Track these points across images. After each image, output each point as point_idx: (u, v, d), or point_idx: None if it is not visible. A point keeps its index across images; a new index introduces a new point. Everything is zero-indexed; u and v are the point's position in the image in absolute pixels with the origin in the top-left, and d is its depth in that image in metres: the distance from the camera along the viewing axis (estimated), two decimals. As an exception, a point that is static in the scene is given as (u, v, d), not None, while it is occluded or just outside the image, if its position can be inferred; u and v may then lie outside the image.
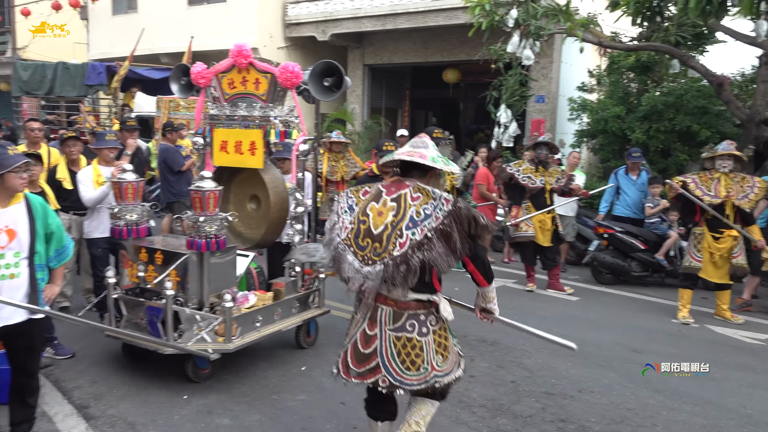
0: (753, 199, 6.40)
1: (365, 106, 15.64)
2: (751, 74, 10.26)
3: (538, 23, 8.54)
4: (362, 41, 15.27)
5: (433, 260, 2.95)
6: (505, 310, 6.83)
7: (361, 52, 15.37)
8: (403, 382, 3.08)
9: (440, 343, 3.19)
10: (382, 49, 15.11)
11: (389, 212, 3.07)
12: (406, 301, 3.09)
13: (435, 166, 3.11)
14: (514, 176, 7.50)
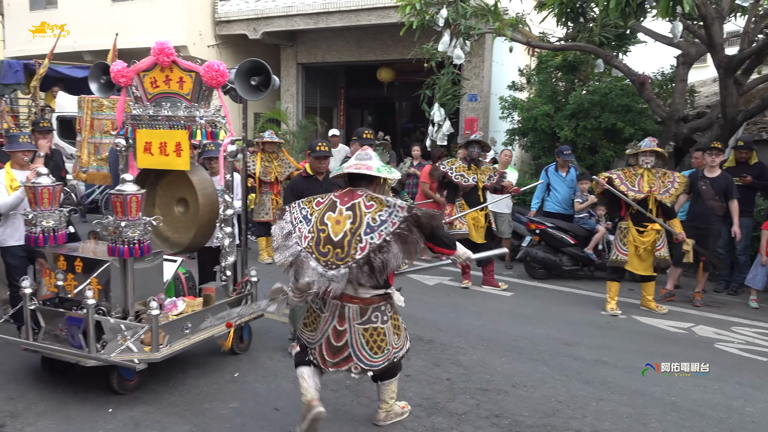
0: (674, 193, 6.67)
1: (299, 105, 15.47)
2: (670, 74, 10.73)
3: (468, 23, 8.63)
4: (295, 40, 15.10)
5: (391, 260, 3.36)
6: (441, 307, 6.96)
7: (294, 50, 15.19)
8: (372, 365, 3.63)
9: (396, 325, 3.73)
10: (316, 48, 14.98)
11: (346, 220, 3.47)
12: (370, 297, 3.55)
13: (380, 175, 3.56)
14: (447, 174, 7.57)
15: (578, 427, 4.07)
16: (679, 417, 4.27)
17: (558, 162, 8.66)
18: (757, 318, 6.82)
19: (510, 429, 4.03)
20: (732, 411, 4.39)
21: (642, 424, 4.15)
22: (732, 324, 6.57)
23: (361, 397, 4.45)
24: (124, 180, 4.23)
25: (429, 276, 8.24)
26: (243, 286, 5.18)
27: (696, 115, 10.39)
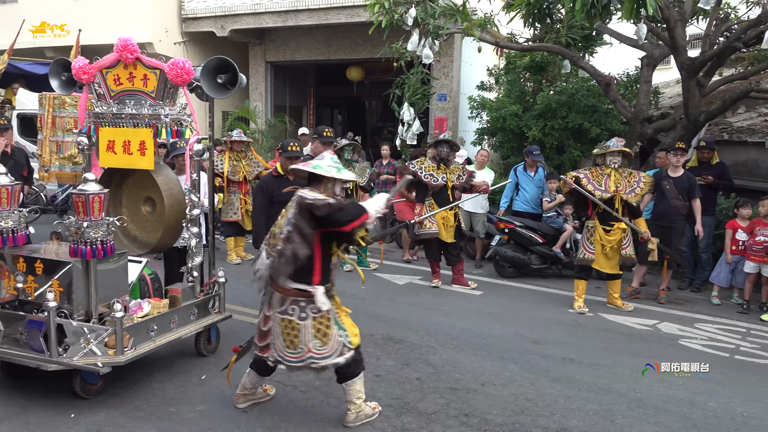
0: (639, 193, 6.79)
1: (269, 104, 15.33)
2: (635, 75, 10.91)
3: (437, 23, 8.65)
4: (263, 38, 14.96)
5: (297, 250, 3.57)
6: (411, 307, 6.96)
7: (263, 48, 15.05)
8: (284, 358, 3.82)
9: (319, 329, 3.78)
10: (285, 46, 14.86)
11: (286, 214, 3.75)
12: (287, 288, 3.73)
13: (315, 172, 3.73)
14: (417, 174, 7.57)
15: (546, 425, 4.10)
16: (645, 413, 4.33)
17: (527, 162, 8.74)
18: (719, 314, 6.98)
19: (479, 428, 4.04)
20: (696, 406, 4.48)
21: (608, 420, 4.20)
22: (695, 321, 6.70)
23: (330, 398, 4.42)
24: (86, 179, 4.12)
25: (399, 276, 8.25)
26: (210, 287, 5.10)
27: (660, 116, 10.60)
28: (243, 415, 4.14)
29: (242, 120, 14.26)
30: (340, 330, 3.84)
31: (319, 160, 3.82)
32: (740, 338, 6.14)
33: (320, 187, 3.75)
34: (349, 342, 3.85)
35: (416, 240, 7.97)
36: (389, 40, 9.47)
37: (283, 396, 4.43)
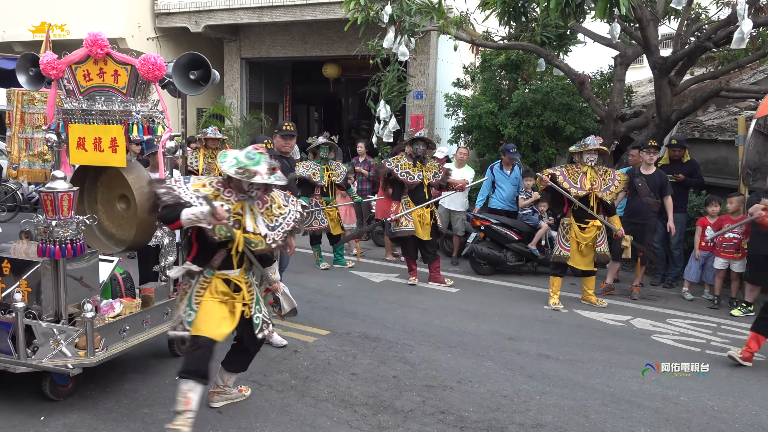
0: (614, 191, 6.87)
1: (244, 100, 15.19)
2: (609, 74, 11.03)
3: (412, 20, 8.64)
4: (238, 34, 14.81)
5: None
6: (388, 304, 6.96)
7: (238, 45, 14.90)
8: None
9: (181, 298, 3.93)
10: (260, 43, 14.74)
11: None
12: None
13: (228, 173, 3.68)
14: (393, 172, 7.56)
15: (522, 421, 4.13)
16: (618, 408, 4.38)
17: (503, 160, 8.79)
18: (691, 310, 7.09)
19: (455, 425, 4.05)
20: (668, 401, 4.54)
21: (583, 416, 4.24)
22: (667, 316, 6.80)
23: (306, 397, 4.39)
24: (54, 177, 4.03)
25: (375, 273, 8.24)
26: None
27: (633, 114, 10.73)
28: (217, 416, 4.09)
29: (217, 117, 14.11)
30: (187, 308, 3.84)
31: (237, 152, 3.79)
32: (711, 333, 6.24)
33: (231, 180, 3.76)
34: (189, 323, 3.81)
35: (393, 238, 7.97)
36: (365, 37, 9.44)
37: (258, 395, 4.39)
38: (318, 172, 8.21)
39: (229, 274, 3.86)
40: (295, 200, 4.22)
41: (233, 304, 3.88)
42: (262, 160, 3.72)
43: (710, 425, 4.17)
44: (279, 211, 4.02)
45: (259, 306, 4.03)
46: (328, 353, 5.26)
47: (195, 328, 3.75)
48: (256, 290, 4.06)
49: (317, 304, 6.67)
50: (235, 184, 3.79)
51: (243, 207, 3.84)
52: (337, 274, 8.17)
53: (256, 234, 3.84)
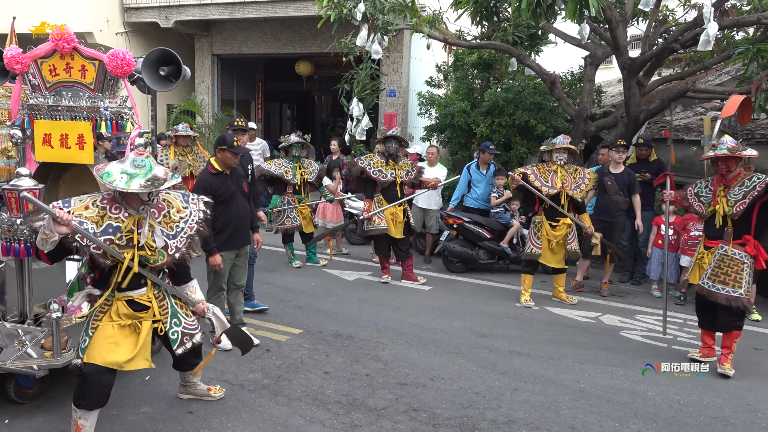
0: (584, 189, 6.96)
1: (215, 97, 15.04)
2: (579, 74, 11.17)
3: (385, 18, 8.64)
4: (210, 30, 14.65)
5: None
6: (360, 303, 6.96)
7: (209, 41, 14.74)
8: None
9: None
10: (232, 39, 14.60)
11: None
12: None
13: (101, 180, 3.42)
14: (365, 170, 7.56)
15: (493, 417, 4.16)
16: (588, 403, 4.45)
17: (481, 158, 8.82)
18: (658, 306, 7.20)
19: (428, 422, 4.06)
20: (636, 395, 4.62)
21: (554, 411, 4.29)
22: (636, 312, 6.92)
23: (279, 397, 4.37)
24: (19, 174, 3.94)
25: (348, 271, 8.22)
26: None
27: (602, 114, 10.89)
28: (188, 416, 4.05)
29: (188, 113, 13.94)
30: (84, 334, 3.60)
31: (118, 164, 3.49)
32: (677, 329, 6.37)
33: (116, 200, 3.53)
34: (82, 350, 3.55)
35: (365, 236, 7.97)
36: (338, 34, 9.41)
37: (230, 395, 4.35)
38: (290, 170, 8.17)
39: (133, 294, 3.63)
40: (195, 199, 3.90)
41: (138, 325, 3.65)
42: (152, 164, 3.50)
43: (676, 419, 4.26)
44: (179, 215, 3.73)
45: (176, 319, 3.80)
46: (300, 352, 5.23)
47: (87, 355, 3.51)
48: (171, 302, 3.81)
49: (290, 303, 6.64)
50: (126, 199, 3.51)
51: (137, 222, 3.55)
52: (310, 273, 8.14)
53: (153, 250, 3.57)
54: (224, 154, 5.16)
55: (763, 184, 4.84)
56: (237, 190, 5.29)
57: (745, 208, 4.90)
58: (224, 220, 5.18)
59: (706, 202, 5.21)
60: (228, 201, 5.20)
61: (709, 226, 5.24)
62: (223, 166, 5.20)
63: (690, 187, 5.45)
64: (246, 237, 5.46)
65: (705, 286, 5.08)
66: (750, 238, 5.02)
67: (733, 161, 5.00)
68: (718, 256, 5.08)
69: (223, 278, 5.32)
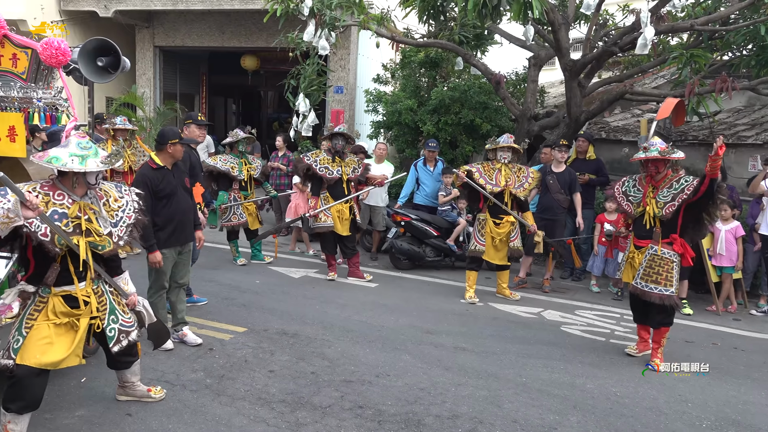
0: (527, 188, 7.10)
1: (158, 90, 14.61)
2: (523, 74, 11.39)
3: (333, 14, 8.59)
4: (152, 21, 14.22)
5: None
6: (306, 300, 6.91)
7: (151, 32, 14.31)
8: None
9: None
10: (175, 31, 14.21)
11: None
12: None
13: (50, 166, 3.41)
14: (312, 167, 7.50)
15: (438, 413, 4.20)
16: (530, 397, 4.54)
17: (426, 156, 8.89)
18: (597, 302, 7.46)
19: (373, 419, 4.07)
20: (575, 388, 4.75)
21: (496, 405, 4.37)
22: (576, 308, 7.12)
23: (222, 396, 4.29)
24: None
25: (294, 269, 8.15)
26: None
27: (545, 114, 11.13)
28: (127, 419, 3.93)
29: (128, 107, 13.51)
30: (16, 333, 3.47)
31: (61, 148, 3.42)
32: (615, 323, 6.59)
33: (67, 180, 3.47)
34: (15, 351, 3.41)
35: (312, 233, 7.91)
36: (285, 29, 9.29)
37: (171, 396, 4.25)
38: (236, 166, 8.04)
39: (70, 290, 3.54)
40: (128, 190, 3.90)
41: (76, 322, 3.57)
42: (97, 148, 3.48)
43: (613, 410, 4.40)
44: (116, 204, 3.73)
45: (114, 316, 3.75)
46: (245, 350, 5.16)
47: (20, 356, 3.38)
48: (110, 299, 3.76)
49: (234, 301, 6.53)
50: (73, 183, 3.45)
51: (82, 208, 3.50)
52: (255, 270, 8.03)
53: (101, 235, 3.53)
54: (176, 147, 5.04)
55: (690, 188, 5.02)
56: (179, 185, 5.16)
57: (674, 210, 5.08)
58: (166, 216, 5.05)
59: (635, 202, 5.36)
60: (170, 197, 5.07)
61: (638, 226, 5.38)
62: (168, 160, 5.07)
63: (617, 185, 5.62)
64: (189, 234, 5.34)
65: (638, 286, 5.22)
66: (677, 236, 5.20)
67: (663, 163, 5.18)
68: (648, 256, 5.23)
69: (165, 276, 5.18)
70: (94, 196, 3.60)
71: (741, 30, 7.62)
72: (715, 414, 4.42)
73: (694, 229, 5.28)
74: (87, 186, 3.51)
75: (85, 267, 3.55)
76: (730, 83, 7.39)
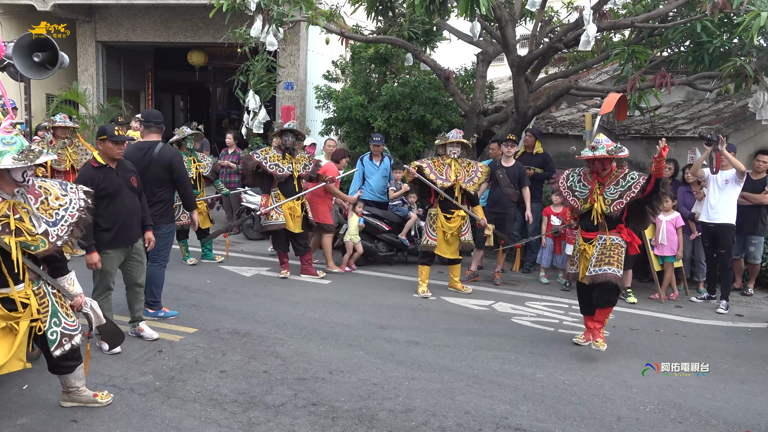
0: (477, 182, 7.20)
1: (101, 87, 14.20)
2: (472, 70, 11.53)
3: (280, 10, 8.50)
4: (93, 15, 13.79)
5: None
6: (258, 299, 6.85)
7: (93, 27, 13.88)
8: None
9: None
10: (118, 26, 13.82)
11: None
12: None
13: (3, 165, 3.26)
14: (261, 164, 7.42)
15: (391, 407, 4.23)
16: (481, 388, 4.62)
17: (372, 150, 8.90)
18: (546, 293, 7.62)
19: (327, 416, 4.06)
20: (525, 378, 4.85)
21: (449, 398, 4.42)
22: (526, 299, 7.26)
23: (172, 399, 4.21)
24: None
25: (246, 267, 8.06)
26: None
27: (494, 109, 11.32)
28: (72, 426, 3.81)
29: (70, 104, 13.08)
30: None
31: None
32: (563, 313, 6.75)
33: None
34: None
35: (263, 232, 7.83)
36: (232, 24, 9.15)
37: (119, 400, 4.14)
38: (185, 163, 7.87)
39: (6, 292, 3.42)
40: (74, 188, 3.79)
41: (15, 326, 3.45)
42: (24, 141, 3.35)
43: (562, 398, 4.51)
44: (58, 203, 3.61)
45: (56, 318, 3.63)
46: (195, 351, 5.07)
47: None
48: (52, 300, 3.65)
49: (184, 301, 6.41)
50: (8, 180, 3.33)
51: (11, 206, 3.38)
52: (206, 270, 7.90)
53: (34, 235, 3.42)
54: (105, 144, 4.89)
55: (637, 186, 5.17)
56: (123, 184, 5.02)
57: (621, 207, 5.22)
58: (109, 216, 4.91)
59: (581, 197, 5.46)
60: (112, 196, 4.93)
61: (585, 220, 5.48)
62: (106, 158, 4.93)
63: (561, 179, 5.70)
64: (135, 234, 5.19)
65: (592, 273, 5.25)
66: (623, 227, 5.37)
67: (608, 160, 5.29)
68: (599, 245, 5.34)
69: (110, 277, 5.05)
70: (24, 194, 3.45)
71: (678, 27, 7.90)
72: (658, 398, 4.58)
73: (637, 220, 5.46)
74: (15, 184, 3.36)
75: (22, 268, 3.43)
76: (669, 79, 7.66)
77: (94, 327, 4.01)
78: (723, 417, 4.31)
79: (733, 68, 7.26)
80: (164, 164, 5.80)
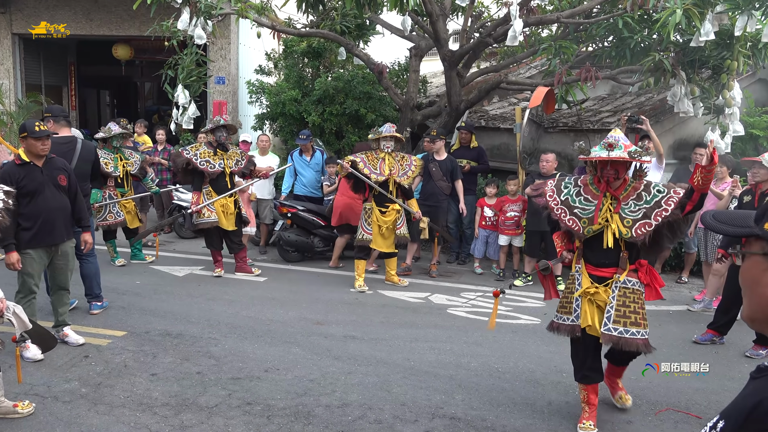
0: (411, 176, 7.25)
1: (18, 81, 13.48)
2: (405, 64, 11.59)
3: (208, 2, 8.28)
4: (8, 6, 13.07)
5: None
6: (192, 298, 6.70)
7: (8, 18, 13.15)
8: None
9: None
10: (36, 17, 13.13)
11: None
12: None
13: None
14: (192, 161, 7.24)
15: (328, 403, 4.22)
16: (418, 379, 4.66)
17: (301, 147, 8.83)
18: (481, 283, 7.77)
19: (262, 414, 4.02)
20: (461, 368, 4.93)
21: (386, 391, 4.45)
22: (461, 290, 7.38)
23: (99, 405, 4.07)
24: None
25: (179, 267, 7.86)
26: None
27: (428, 104, 11.40)
28: None
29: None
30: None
31: None
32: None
33: None
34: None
35: (195, 230, 7.65)
36: (158, 17, 8.85)
37: (41, 409, 3.97)
38: (111, 162, 7.60)
39: None
40: None
41: None
42: None
43: (496, 386, 4.61)
44: None
45: None
46: (124, 355, 4.91)
47: None
48: None
49: (112, 304, 6.18)
50: None
51: None
52: (135, 270, 7.65)
53: None
54: (27, 141, 4.70)
55: (671, 202, 3.77)
56: (48, 182, 4.82)
57: (650, 230, 3.78)
58: (29, 214, 4.70)
59: (585, 216, 3.94)
60: (33, 194, 4.72)
61: (592, 249, 3.98)
62: (30, 156, 4.73)
63: (549, 190, 4.16)
64: (60, 234, 4.96)
65: (614, 333, 3.83)
66: (645, 262, 4.01)
67: (624, 166, 3.89)
68: (618, 290, 3.90)
69: (32, 280, 4.82)
70: None
71: (602, 23, 8.15)
72: (586, 381, 4.74)
73: (649, 248, 3.96)
74: None
75: None
76: (593, 73, 7.90)
77: (18, 333, 3.81)
78: (646, 397, 4.51)
79: (653, 63, 7.56)
80: (89, 158, 5.94)
